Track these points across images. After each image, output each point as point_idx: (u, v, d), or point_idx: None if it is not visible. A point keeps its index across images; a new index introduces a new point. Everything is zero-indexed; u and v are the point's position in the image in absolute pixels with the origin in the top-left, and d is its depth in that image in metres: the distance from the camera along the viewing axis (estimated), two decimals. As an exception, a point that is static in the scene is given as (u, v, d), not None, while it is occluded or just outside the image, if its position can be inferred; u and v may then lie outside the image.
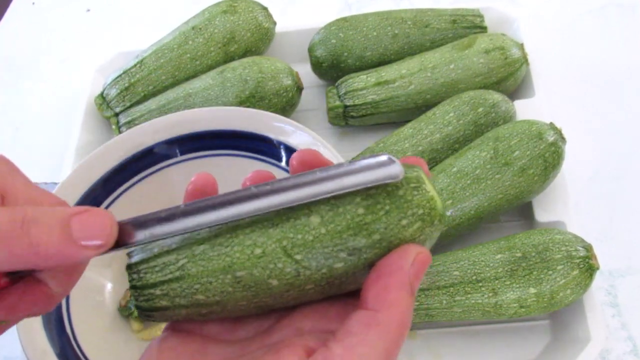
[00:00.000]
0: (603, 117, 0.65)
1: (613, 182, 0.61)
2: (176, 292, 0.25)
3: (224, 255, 0.25)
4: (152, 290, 0.26)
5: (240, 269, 0.25)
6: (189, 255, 0.26)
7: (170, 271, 0.26)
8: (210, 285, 0.25)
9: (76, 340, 0.50)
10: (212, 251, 0.25)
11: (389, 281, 0.24)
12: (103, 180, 0.55)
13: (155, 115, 0.62)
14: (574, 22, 0.74)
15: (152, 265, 0.26)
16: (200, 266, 0.25)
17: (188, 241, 0.26)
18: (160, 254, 0.26)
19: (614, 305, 0.54)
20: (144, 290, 0.26)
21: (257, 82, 0.62)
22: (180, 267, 0.26)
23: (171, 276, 0.25)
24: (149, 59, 0.66)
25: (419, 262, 0.24)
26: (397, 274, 0.24)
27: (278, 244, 0.25)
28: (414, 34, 0.65)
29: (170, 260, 0.26)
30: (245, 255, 0.25)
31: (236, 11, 0.67)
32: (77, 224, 0.23)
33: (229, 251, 0.25)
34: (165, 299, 0.26)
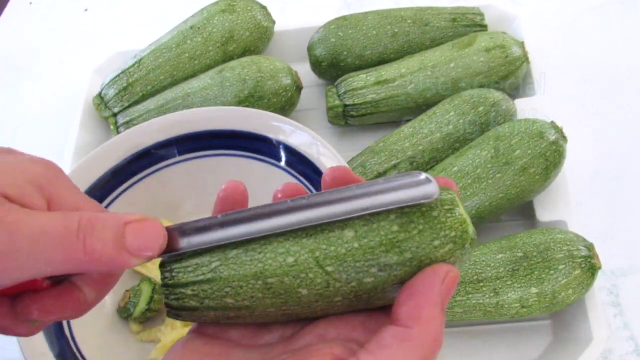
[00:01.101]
0: (604, 116, 0.65)
1: (615, 181, 0.60)
2: (206, 294, 0.26)
3: (257, 261, 0.25)
4: (183, 290, 0.26)
5: (271, 276, 0.25)
6: (222, 258, 0.26)
7: (203, 273, 0.26)
8: (241, 289, 0.26)
9: (75, 342, 0.50)
10: (245, 256, 0.26)
11: (422, 299, 0.24)
12: (102, 181, 0.55)
13: (154, 116, 0.62)
14: (575, 20, 0.74)
15: (185, 266, 0.26)
16: (232, 270, 0.26)
17: (221, 246, 0.26)
18: (194, 255, 0.26)
19: (616, 305, 0.54)
20: (175, 289, 0.26)
21: (257, 81, 0.61)
22: (212, 269, 0.26)
23: (203, 278, 0.26)
24: (148, 58, 0.66)
25: (449, 281, 0.25)
26: (430, 293, 0.24)
27: (311, 255, 0.25)
28: (414, 32, 0.65)
29: (203, 262, 0.26)
30: (278, 263, 0.25)
31: (235, 10, 0.66)
32: (131, 234, 0.24)
33: (261, 257, 0.25)
34: (195, 300, 0.26)
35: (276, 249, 0.25)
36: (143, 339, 0.54)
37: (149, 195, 0.57)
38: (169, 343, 0.51)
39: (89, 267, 0.23)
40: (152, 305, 0.53)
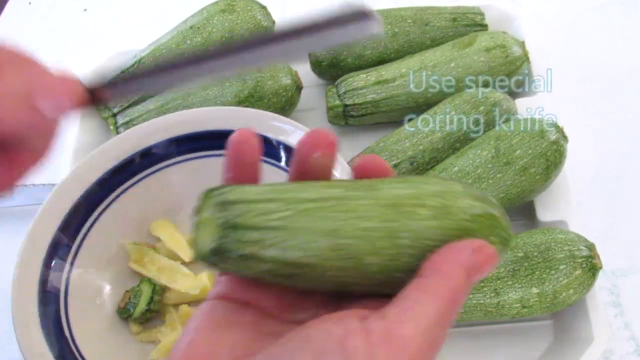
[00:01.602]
0: (605, 116, 0.65)
1: (615, 181, 0.60)
2: (271, 242, 0.24)
3: (333, 219, 0.24)
4: (246, 233, 0.24)
5: (345, 237, 0.24)
6: (294, 208, 0.24)
7: (273, 219, 0.24)
8: (311, 244, 0.24)
9: (75, 342, 0.50)
10: (320, 211, 0.24)
11: (447, 255, 0.24)
12: (101, 182, 0.55)
13: (154, 116, 0.62)
14: (575, 20, 0.74)
15: (252, 208, 0.24)
16: (306, 221, 0.24)
17: (293, 194, 0.25)
18: (261, 200, 0.24)
19: (616, 305, 0.53)
20: (236, 231, 0.24)
21: (256, 81, 0.61)
22: (284, 217, 0.24)
23: (273, 224, 0.24)
24: (147, 58, 0.66)
25: (482, 254, 0.25)
26: (457, 252, 0.24)
27: (386, 225, 0.25)
28: (414, 32, 0.64)
29: (272, 208, 0.24)
30: (353, 225, 0.24)
31: (234, 10, 0.66)
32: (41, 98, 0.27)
33: (338, 215, 0.24)
34: (256, 247, 0.24)
35: (353, 209, 0.24)
36: (143, 339, 0.54)
37: (148, 196, 0.57)
38: (169, 343, 0.51)
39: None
40: (152, 306, 0.53)
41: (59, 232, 0.52)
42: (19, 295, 0.49)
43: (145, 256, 0.55)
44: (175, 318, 0.53)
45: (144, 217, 0.57)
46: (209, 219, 0.25)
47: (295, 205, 0.24)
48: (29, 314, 0.49)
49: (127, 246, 0.56)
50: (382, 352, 0.21)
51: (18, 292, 0.49)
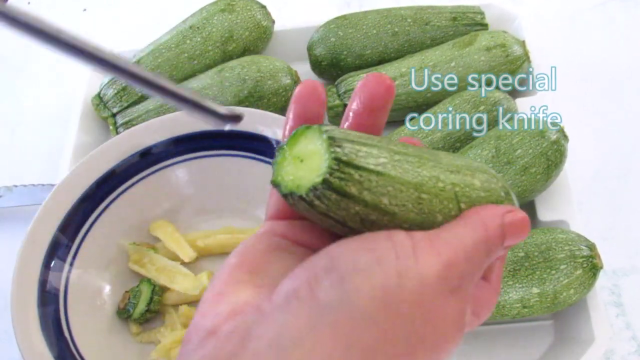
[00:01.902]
0: (605, 115, 0.65)
1: (616, 181, 0.60)
2: (370, 185, 0.25)
3: (417, 174, 0.26)
4: (352, 171, 0.24)
5: (426, 192, 0.26)
6: (388, 157, 0.26)
7: (373, 163, 0.25)
8: (400, 193, 0.25)
9: (74, 343, 0.50)
10: (407, 164, 0.26)
11: (488, 207, 0.27)
12: (101, 182, 0.55)
13: (153, 116, 0.62)
14: (576, 19, 0.73)
15: (357, 149, 0.25)
16: (398, 172, 0.26)
17: (383, 144, 0.26)
18: (363, 143, 0.25)
19: (617, 305, 0.53)
20: (346, 168, 0.24)
21: (256, 81, 0.61)
22: (381, 163, 0.25)
23: (374, 168, 0.25)
24: (147, 58, 0.66)
25: (517, 215, 0.27)
26: (496, 207, 0.27)
27: (452, 188, 0.27)
28: (414, 31, 0.64)
29: (372, 153, 0.25)
30: (432, 183, 0.26)
31: (234, 10, 0.66)
32: None
33: (420, 172, 0.26)
34: (357, 187, 0.25)
35: (430, 170, 0.27)
36: (142, 340, 0.54)
37: (148, 196, 0.57)
38: (169, 344, 0.51)
39: None
40: (152, 306, 0.53)
41: (59, 233, 0.52)
42: (19, 296, 0.49)
43: (145, 256, 0.55)
44: (175, 318, 0.53)
45: (144, 217, 0.57)
46: (314, 152, 0.25)
47: (390, 154, 0.26)
48: (28, 314, 0.49)
49: (127, 246, 0.56)
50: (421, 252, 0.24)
51: (17, 293, 0.49)
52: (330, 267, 0.23)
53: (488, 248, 0.25)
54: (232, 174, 0.57)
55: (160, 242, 0.56)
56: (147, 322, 0.54)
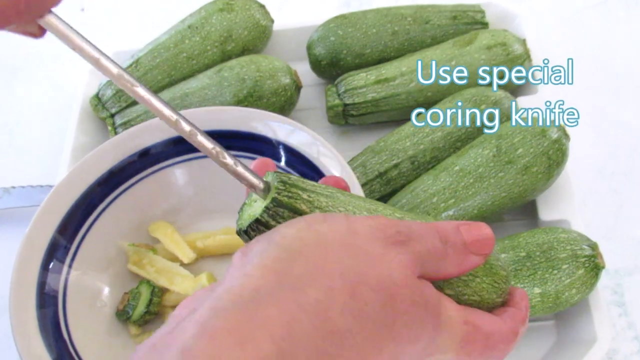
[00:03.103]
0: (607, 113, 0.65)
1: (618, 180, 0.60)
2: (320, 204, 0.27)
3: (371, 203, 0.28)
4: (300, 191, 0.27)
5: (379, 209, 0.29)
6: (338, 191, 0.28)
7: (321, 190, 0.27)
8: (354, 214, 0.27)
9: (73, 345, 0.50)
10: (360, 198, 0.28)
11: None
12: (100, 182, 0.54)
13: (152, 116, 0.62)
14: (577, 16, 0.73)
15: (303, 180, 0.28)
16: (348, 197, 0.28)
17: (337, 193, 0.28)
18: (307, 182, 0.28)
19: (620, 305, 0.53)
20: (292, 188, 0.27)
21: (255, 81, 0.61)
22: (330, 191, 0.28)
23: (321, 192, 0.27)
24: (145, 58, 0.66)
25: (469, 226, 0.27)
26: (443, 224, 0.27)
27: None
28: (414, 30, 0.64)
29: (321, 187, 0.28)
30: (390, 210, 0.29)
31: (233, 9, 0.66)
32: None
33: (377, 204, 0.29)
34: (307, 205, 0.26)
35: (387, 206, 0.29)
36: (142, 341, 0.53)
37: (147, 197, 0.57)
38: (169, 346, 0.51)
39: None
40: (151, 308, 0.53)
41: (57, 234, 0.52)
42: (17, 298, 0.49)
43: (144, 258, 0.55)
44: (174, 320, 0.53)
45: (143, 218, 0.57)
46: (253, 198, 0.28)
47: (338, 191, 0.28)
48: (27, 316, 0.48)
49: (126, 248, 0.56)
50: (354, 217, 0.26)
51: (16, 295, 0.49)
52: (261, 236, 0.25)
53: (442, 237, 0.26)
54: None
55: (159, 243, 0.56)
56: (147, 324, 0.54)
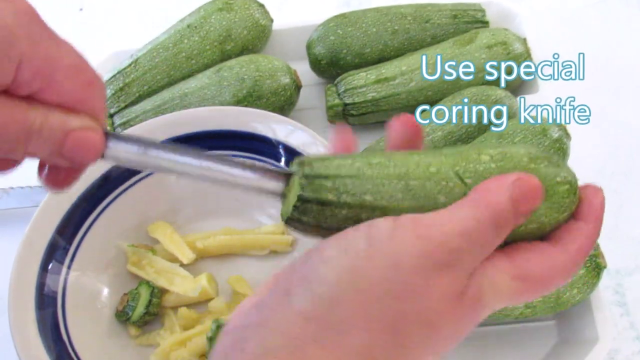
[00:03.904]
0: (608, 112, 0.64)
1: (619, 179, 0.60)
2: (346, 188, 0.26)
3: (401, 166, 0.27)
4: (323, 181, 0.27)
5: (414, 179, 0.27)
6: (365, 162, 0.27)
7: (346, 169, 0.27)
8: (383, 187, 0.26)
9: (73, 347, 0.50)
10: (388, 162, 0.27)
11: (493, 180, 0.26)
12: (99, 183, 0.54)
13: (151, 116, 0.62)
14: (578, 15, 0.73)
15: (326, 164, 0.27)
16: (376, 170, 0.27)
17: (361, 156, 0.28)
18: (335, 158, 0.28)
19: (622, 305, 0.53)
20: (315, 180, 0.27)
21: (255, 80, 0.61)
22: (356, 167, 0.27)
23: (346, 172, 0.27)
24: (144, 58, 0.65)
25: (526, 181, 0.26)
26: (501, 178, 0.26)
27: (451, 168, 0.27)
28: (414, 29, 0.64)
29: (346, 163, 0.27)
30: (421, 169, 0.27)
31: (232, 8, 0.66)
32: (69, 147, 0.26)
33: (405, 162, 0.27)
34: (333, 193, 0.26)
35: (418, 160, 0.27)
36: (141, 342, 0.53)
37: (146, 197, 0.56)
38: (168, 347, 0.51)
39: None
40: (151, 309, 0.53)
41: (56, 235, 0.52)
42: (16, 299, 0.49)
43: (144, 258, 0.55)
44: (174, 321, 0.53)
45: (142, 218, 0.57)
46: (293, 181, 0.28)
47: (366, 159, 0.27)
48: (26, 317, 0.48)
49: (125, 248, 0.55)
50: (400, 231, 0.24)
51: (15, 296, 0.49)
52: (301, 276, 0.25)
53: (495, 223, 0.25)
54: (231, 174, 0.57)
55: (159, 243, 0.56)
56: (146, 325, 0.54)
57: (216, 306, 0.52)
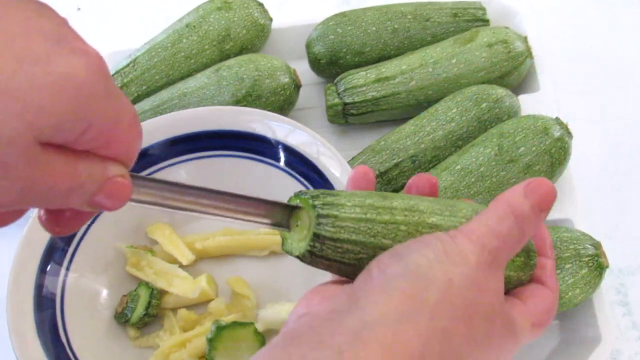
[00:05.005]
0: (610, 110, 0.64)
1: (622, 177, 0.60)
2: (363, 230, 0.29)
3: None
4: (341, 222, 0.29)
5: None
6: (384, 206, 0.30)
7: (363, 212, 0.29)
8: (393, 233, 0.29)
9: (71, 348, 0.50)
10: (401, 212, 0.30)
11: (505, 193, 0.30)
12: (97, 184, 0.54)
13: (150, 116, 0.61)
14: (579, 13, 0.73)
15: (342, 203, 0.29)
16: (386, 215, 0.29)
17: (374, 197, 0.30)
18: (345, 194, 0.30)
19: (624, 304, 0.53)
20: (336, 220, 0.29)
21: (254, 80, 0.60)
22: (369, 210, 0.29)
23: (363, 216, 0.29)
24: (142, 58, 0.65)
25: (538, 182, 0.30)
26: (511, 190, 0.30)
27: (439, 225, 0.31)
28: (414, 28, 0.64)
29: (360, 202, 0.29)
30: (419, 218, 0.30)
31: (231, 8, 0.65)
32: (103, 196, 0.26)
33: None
34: (351, 233, 0.29)
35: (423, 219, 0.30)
36: (141, 344, 0.53)
37: (145, 198, 0.56)
38: (168, 348, 0.51)
39: None
40: (150, 310, 0.52)
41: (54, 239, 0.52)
42: (15, 301, 0.49)
43: (143, 260, 0.54)
44: (173, 322, 0.53)
45: (141, 219, 0.57)
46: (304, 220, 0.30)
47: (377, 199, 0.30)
48: (25, 319, 0.48)
49: (124, 249, 0.55)
50: (457, 235, 0.28)
51: (13, 297, 0.49)
52: (393, 254, 0.28)
53: (518, 220, 0.29)
54: (230, 174, 0.57)
55: (158, 244, 0.56)
56: (146, 327, 0.54)
57: (216, 307, 0.52)
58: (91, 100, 0.23)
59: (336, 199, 0.29)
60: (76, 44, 0.23)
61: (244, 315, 0.52)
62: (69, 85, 0.22)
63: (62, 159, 0.23)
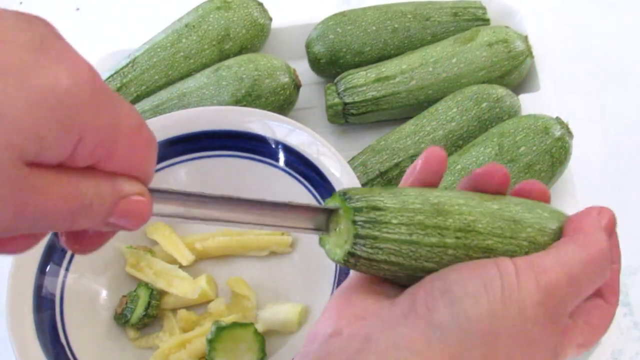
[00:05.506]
0: (611, 110, 0.64)
1: (622, 177, 0.60)
2: (405, 253, 0.27)
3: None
4: (381, 244, 0.27)
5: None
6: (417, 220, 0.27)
7: (409, 232, 0.27)
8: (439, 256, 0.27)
9: (71, 349, 0.50)
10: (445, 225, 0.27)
11: (583, 218, 0.29)
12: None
13: (149, 116, 0.61)
14: (580, 12, 0.73)
15: (387, 220, 0.27)
16: (432, 238, 0.27)
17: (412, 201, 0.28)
18: (396, 223, 0.27)
19: (625, 305, 0.53)
20: (375, 242, 0.27)
21: (254, 80, 0.60)
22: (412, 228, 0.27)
23: (408, 238, 0.27)
24: (142, 58, 0.65)
25: (608, 213, 0.29)
26: (587, 217, 0.29)
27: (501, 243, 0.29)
28: (415, 27, 0.63)
29: (407, 227, 0.27)
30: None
31: (230, 7, 0.65)
32: (118, 216, 0.24)
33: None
34: (390, 255, 0.27)
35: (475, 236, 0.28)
36: (141, 345, 0.53)
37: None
38: (167, 349, 0.50)
39: None
40: (150, 311, 0.52)
41: (54, 237, 0.51)
42: (14, 301, 0.48)
43: (142, 260, 0.54)
44: (173, 323, 0.52)
45: (141, 220, 0.56)
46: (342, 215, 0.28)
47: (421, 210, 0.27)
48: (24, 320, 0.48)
49: (124, 250, 0.55)
50: (524, 272, 0.26)
51: (13, 298, 0.49)
52: (445, 290, 0.26)
53: (602, 261, 0.27)
54: (230, 174, 0.56)
55: (157, 245, 0.56)
56: (145, 327, 0.54)
57: (216, 308, 0.52)
58: (78, 110, 0.21)
59: (382, 214, 0.27)
60: (61, 54, 0.21)
61: (243, 315, 0.52)
62: (48, 96, 0.20)
63: (58, 179, 0.21)
